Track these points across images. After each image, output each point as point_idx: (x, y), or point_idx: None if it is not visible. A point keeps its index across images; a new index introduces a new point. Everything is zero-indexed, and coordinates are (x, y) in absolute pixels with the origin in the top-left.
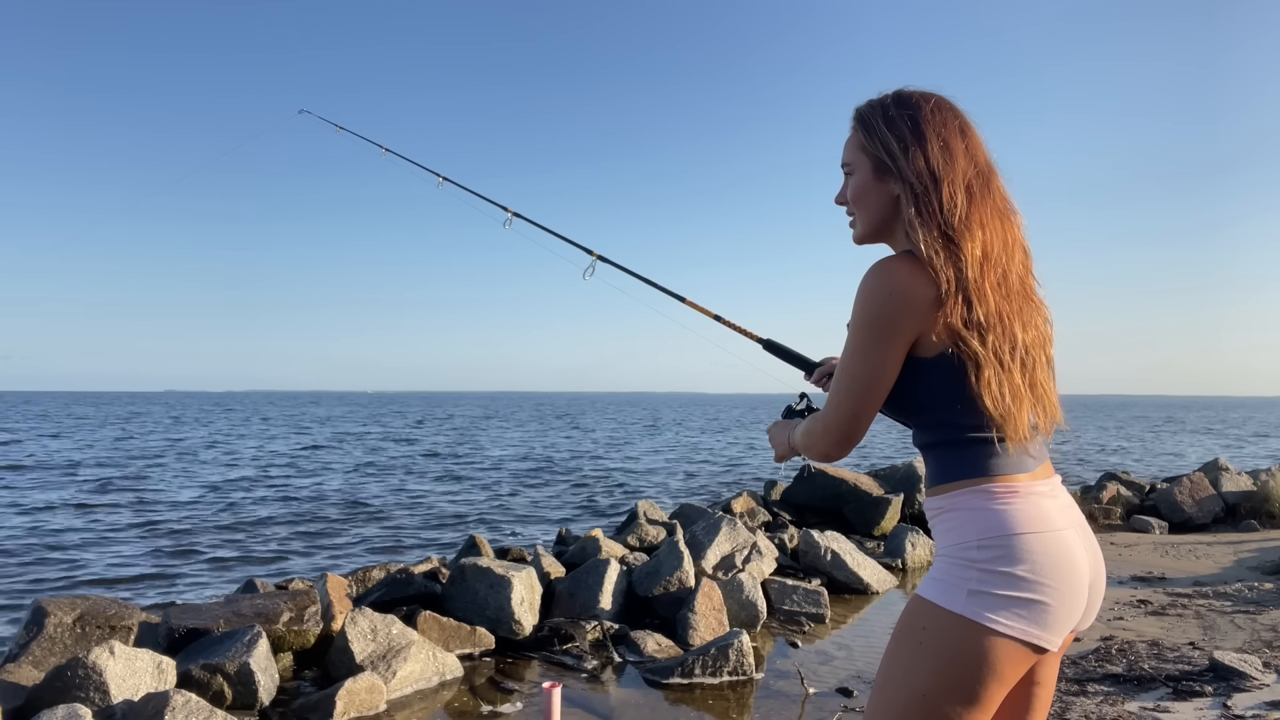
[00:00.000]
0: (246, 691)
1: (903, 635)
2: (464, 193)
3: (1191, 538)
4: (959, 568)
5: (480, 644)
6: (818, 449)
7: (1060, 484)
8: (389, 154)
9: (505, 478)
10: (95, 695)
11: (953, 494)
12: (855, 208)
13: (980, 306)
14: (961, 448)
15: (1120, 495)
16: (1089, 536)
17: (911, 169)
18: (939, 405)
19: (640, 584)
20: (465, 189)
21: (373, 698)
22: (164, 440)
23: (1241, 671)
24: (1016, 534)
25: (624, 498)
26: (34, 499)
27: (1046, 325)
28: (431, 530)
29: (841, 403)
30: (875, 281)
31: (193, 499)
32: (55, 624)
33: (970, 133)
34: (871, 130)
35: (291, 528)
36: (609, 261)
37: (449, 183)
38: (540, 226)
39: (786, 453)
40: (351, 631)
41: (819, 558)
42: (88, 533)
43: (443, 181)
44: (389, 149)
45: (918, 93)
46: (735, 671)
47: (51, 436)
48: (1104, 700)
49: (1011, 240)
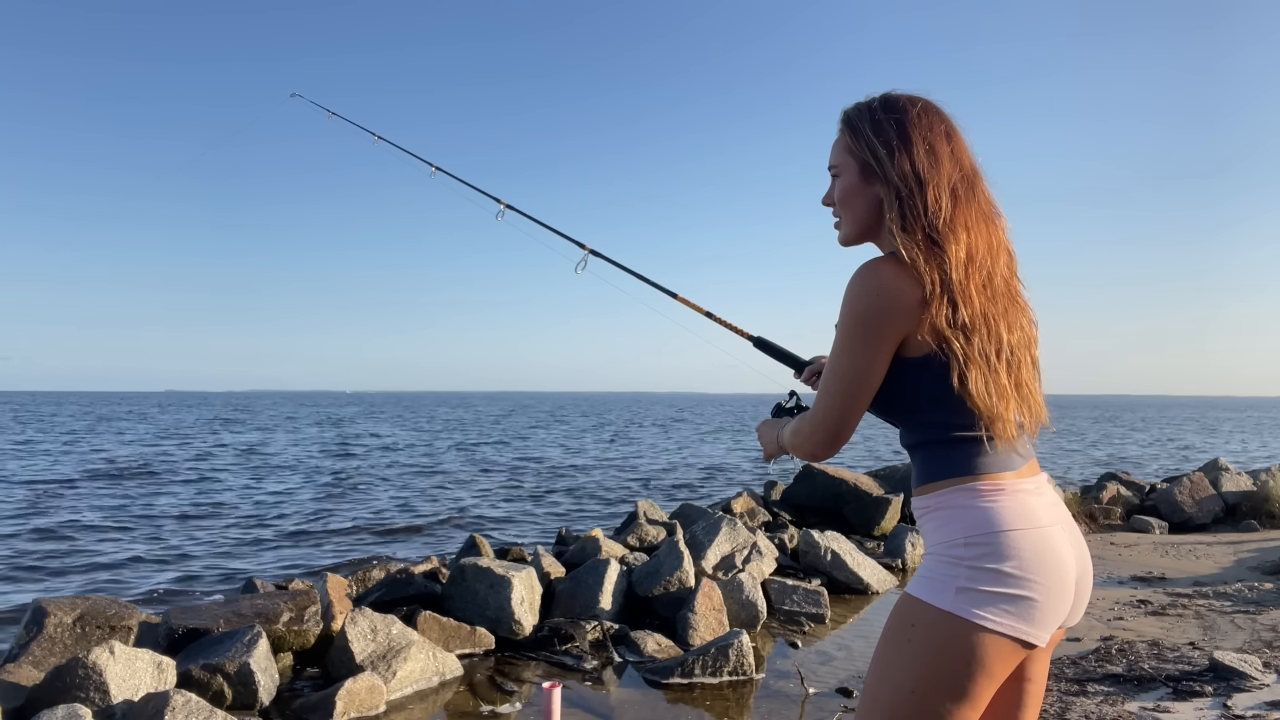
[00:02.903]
0: (246, 691)
1: (892, 633)
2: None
3: (1191, 538)
4: (947, 565)
5: (480, 644)
6: (805, 448)
7: (1046, 481)
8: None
9: (506, 477)
10: (95, 695)
11: (939, 493)
12: (841, 210)
13: (965, 308)
14: (948, 447)
15: (1120, 495)
16: (1075, 533)
17: (897, 172)
18: (925, 405)
19: (640, 584)
20: (458, 179)
21: (373, 698)
22: (164, 440)
23: (1241, 671)
24: (1003, 531)
25: (624, 498)
26: (35, 499)
27: (1032, 326)
28: (432, 530)
29: (829, 403)
30: (862, 283)
31: (192, 499)
32: (55, 624)
33: (956, 136)
34: (858, 133)
35: (291, 528)
36: (601, 256)
37: (441, 172)
38: (533, 219)
39: (775, 451)
40: (351, 631)
41: (819, 558)
42: (88, 533)
43: (435, 171)
44: (381, 136)
45: (905, 96)
46: (735, 671)
47: (67, 435)
48: (1104, 700)
49: (996, 243)
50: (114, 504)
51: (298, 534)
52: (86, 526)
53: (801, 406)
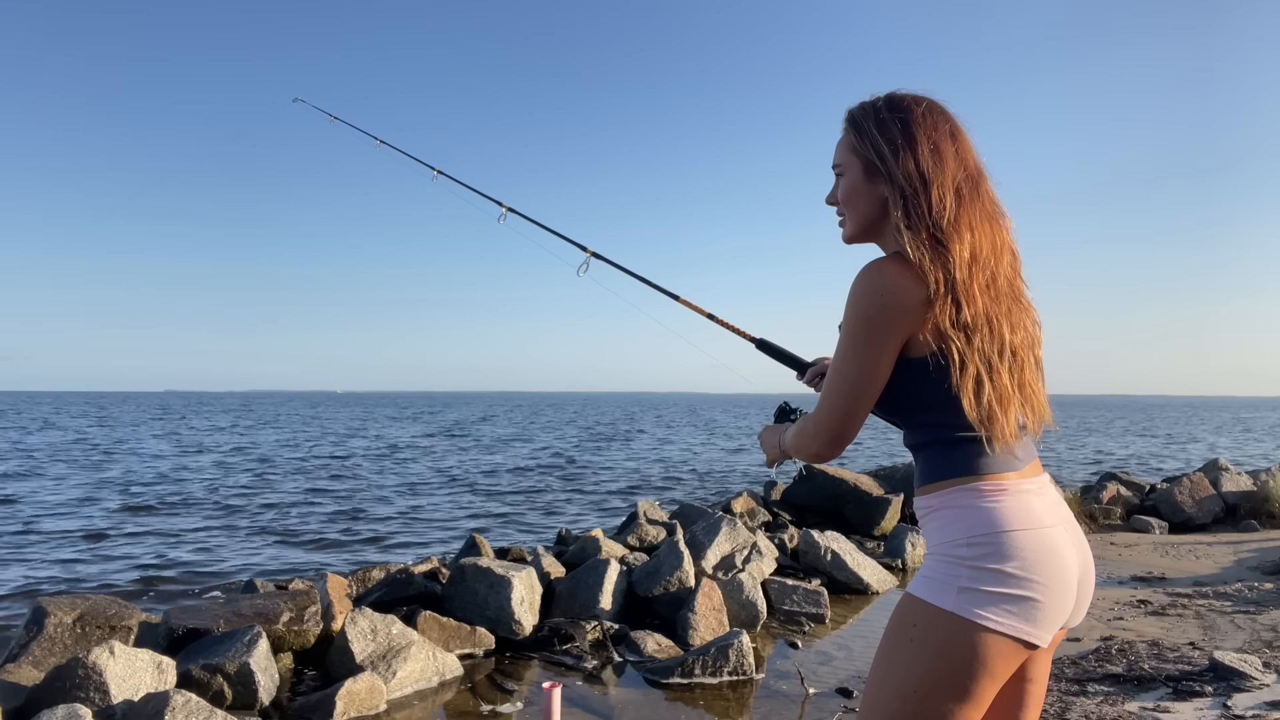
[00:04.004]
0: (246, 691)
1: (894, 633)
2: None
3: (1191, 538)
4: (949, 565)
5: (480, 644)
6: (809, 449)
7: (1048, 482)
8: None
9: (506, 478)
10: (95, 695)
11: (942, 493)
12: (845, 208)
13: (969, 308)
14: (951, 447)
15: (1120, 495)
16: (1077, 533)
17: (901, 171)
18: (929, 405)
19: (640, 584)
20: (460, 182)
21: (373, 698)
22: (163, 440)
23: (1241, 671)
24: (1005, 531)
25: (624, 498)
26: (32, 500)
27: (1035, 327)
28: (432, 530)
29: (833, 403)
30: (866, 282)
31: (192, 498)
32: (55, 624)
33: (960, 136)
34: (863, 132)
35: (291, 528)
36: (603, 258)
37: (443, 176)
38: (534, 222)
39: (777, 456)
40: (351, 631)
41: (819, 558)
42: (88, 533)
43: (437, 175)
44: (383, 140)
45: (909, 96)
46: (735, 671)
47: (65, 432)
48: (1104, 700)
49: (1000, 243)
50: (114, 504)
51: (298, 534)
52: (87, 526)
53: (803, 411)
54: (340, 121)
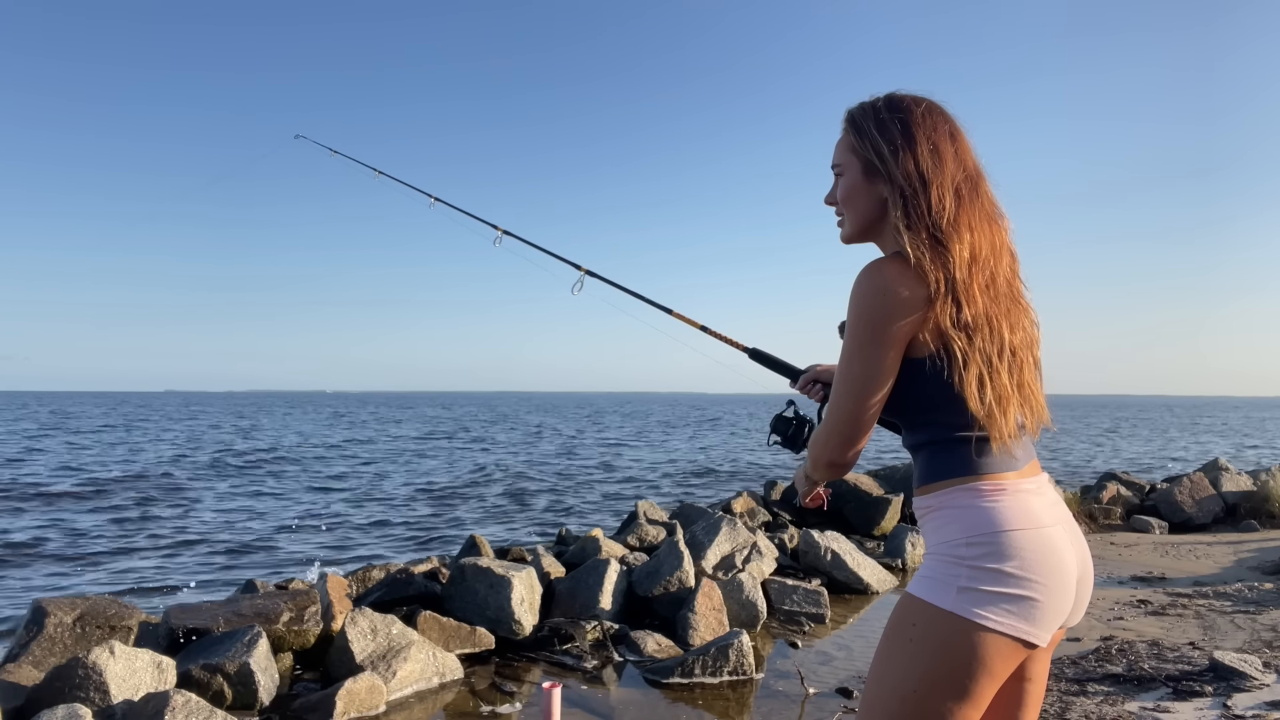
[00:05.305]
0: (246, 691)
1: (894, 633)
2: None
3: (1191, 538)
4: (948, 565)
5: (480, 644)
6: (824, 456)
7: (1047, 481)
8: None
9: (506, 477)
10: (95, 695)
11: (941, 492)
12: (844, 208)
13: (969, 308)
14: (950, 447)
15: (1120, 495)
16: (1076, 533)
17: (901, 171)
18: (928, 405)
19: (640, 584)
20: (456, 208)
21: (373, 698)
22: (163, 440)
23: (1241, 671)
24: (1005, 531)
25: (624, 498)
26: (33, 499)
27: (1034, 327)
28: (431, 530)
29: (840, 405)
30: (868, 283)
31: (192, 498)
32: (55, 624)
33: (960, 137)
34: (862, 132)
35: (291, 527)
36: (597, 276)
37: (440, 203)
38: (529, 243)
39: (805, 487)
40: (351, 631)
41: (819, 558)
42: (88, 532)
43: (434, 202)
44: (382, 171)
45: (909, 96)
46: (735, 671)
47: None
48: (1104, 700)
49: (999, 243)
50: (114, 504)
51: (298, 533)
52: (87, 527)
53: (799, 415)
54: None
